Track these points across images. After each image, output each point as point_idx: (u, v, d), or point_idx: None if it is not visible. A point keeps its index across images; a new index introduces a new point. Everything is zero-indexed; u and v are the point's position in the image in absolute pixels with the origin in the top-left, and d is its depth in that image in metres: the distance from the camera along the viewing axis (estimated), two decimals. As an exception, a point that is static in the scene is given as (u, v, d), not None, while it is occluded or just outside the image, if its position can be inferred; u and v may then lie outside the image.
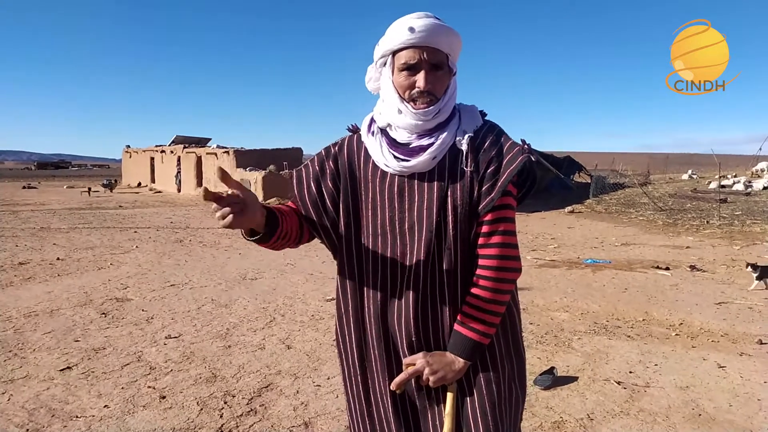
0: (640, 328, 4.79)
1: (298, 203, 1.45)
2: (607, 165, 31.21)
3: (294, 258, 8.13)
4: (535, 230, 11.57)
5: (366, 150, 1.43)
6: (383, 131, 1.40)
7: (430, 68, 1.30)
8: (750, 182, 20.99)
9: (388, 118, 1.37)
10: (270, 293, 6.00)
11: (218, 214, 1.16)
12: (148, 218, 14.15)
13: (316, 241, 1.52)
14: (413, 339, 1.35)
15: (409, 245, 1.35)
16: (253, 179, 20.34)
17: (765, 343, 4.35)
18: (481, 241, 1.33)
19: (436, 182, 1.34)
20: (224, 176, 1.20)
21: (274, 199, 19.05)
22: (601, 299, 5.83)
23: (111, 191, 25.42)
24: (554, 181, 20.63)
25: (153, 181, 29.16)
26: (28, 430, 2.90)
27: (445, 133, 1.35)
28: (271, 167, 20.88)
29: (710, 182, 22.13)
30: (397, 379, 1.34)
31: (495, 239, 1.32)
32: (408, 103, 1.32)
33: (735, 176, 23.87)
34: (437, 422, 1.37)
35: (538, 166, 1.41)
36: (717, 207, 14.31)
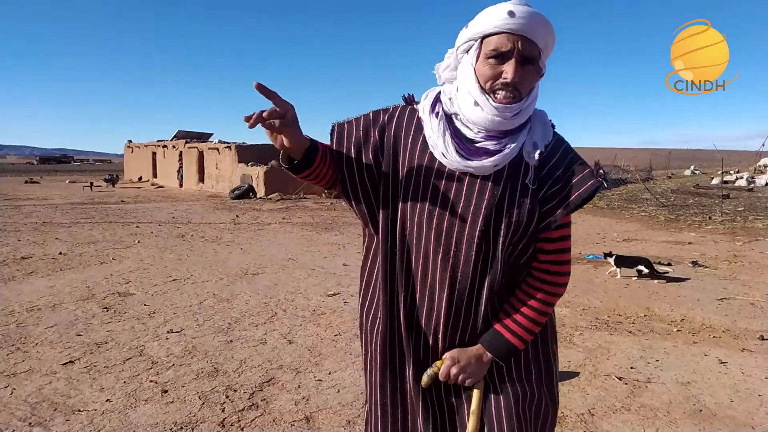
0: (642, 324, 4.79)
1: (335, 164, 1.34)
2: (609, 161, 31.14)
3: (295, 253, 8.13)
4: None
5: (416, 128, 1.31)
6: (448, 118, 1.28)
7: (522, 60, 1.18)
8: (753, 178, 20.93)
9: (458, 109, 1.25)
10: (272, 288, 6.01)
11: (266, 113, 1.11)
12: (150, 213, 14.16)
13: (317, 237, 1.50)
14: (439, 341, 1.32)
15: (445, 245, 1.26)
16: (255, 174, 20.35)
17: (766, 339, 4.35)
18: (543, 257, 1.31)
19: (489, 189, 1.24)
20: (263, 90, 1.13)
21: (276, 194, 19.07)
22: (603, 295, 5.83)
23: (113, 186, 25.45)
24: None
25: (155, 176, 29.18)
26: (30, 423, 2.91)
27: (515, 144, 1.24)
28: (273, 162, 20.86)
29: (713, 178, 22.08)
30: (426, 377, 1.32)
31: (556, 257, 1.31)
32: (489, 95, 1.20)
33: (738, 172, 23.79)
34: (465, 419, 1.35)
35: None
36: (719, 203, 14.28)
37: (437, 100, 1.30)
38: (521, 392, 1.33)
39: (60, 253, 7.90)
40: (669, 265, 7.39)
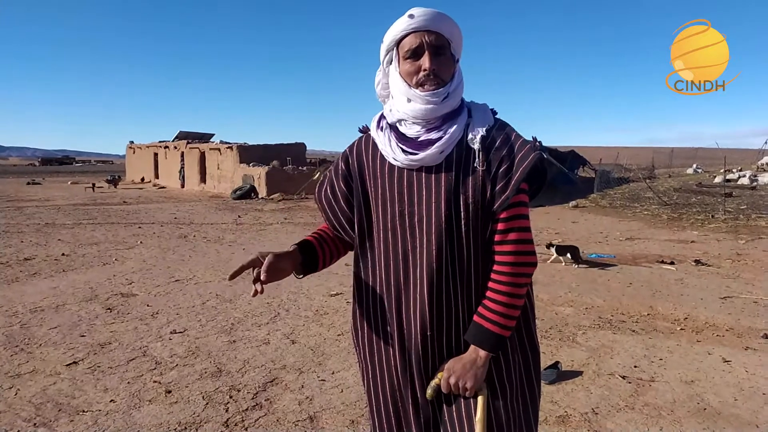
0: (645, 323, 4.78)
1: (319, 205, 1.58)
2: (612, 159, 31.12)
3: (298, 253, 8.13)
4: (539, 225, 11.55)
5: (374, 147, 1.46)
6: (393, 127, 1.43)
7: (434, 51, 1.33)
8: (755, 176, 20.87)
9: (398, 113, 1.39)
10: (274, 288, 6.01)
11: (256, 286, 1.38)
12: (152, 214, 14.18)
13: None
14: (428, 333, 1.37)
15: (419, 239, 1.37)
16: (257, 174, 20.36)
17: (770, 338, 4.34)
18: (497, 237, 1.35)
19: (444, 176, 1.35)
20: (233, 276, 1.42)
21: (278, 194, 19.08)
22: (606, 294, 5.82)
23: (115, 187, 25.49)
24: (558, 176, 20.57)
25: (156, 176, 29.22)
26: (35, 424, 2.92)
27: (454, 127, 1.36)
28: (275, 162, 20.88)
29: (715, 176, 22.04)
30: (430, 390, 1.36)
31: (511, 236, 1.34)
32: (416, 88, 1.35)
33: (740, 170, 23.73)
34: (462, 416, 1.37)
35: (546, 162, 1.41)
36: (722, 201, 14.26)
37: (381, 117, 1.47)
38: (508, 385, 1.38)
39: (63, 254, 7.92)
40: (672, 263, 7.38)
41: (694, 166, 30.91)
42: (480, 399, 1.33)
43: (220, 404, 3.16)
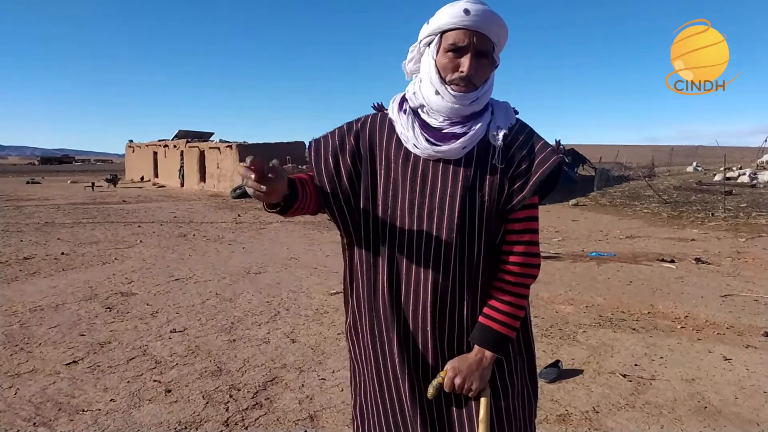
0: (645, 321, 4.78)
1: (314, 174, 1.43)
2: (612, 158, 31.12)
3: (298, 252, 8.13)
4: (540, 223, 11.52)
5: (389, 129, 1.40)
6: (415, 112, 1.37)
7: (476, 54, 1.29)
8: (755, 174, 20.86)
9: (422, 100, 1.34)
10: (274, 287, 6.01)
11: (252, 184, 1.18)
12: (151, 213, 14.17)
13: (319, 235, 1.54)
14: (428, 328, 1.34)
15: (427, 232, 1.32)
16: (257, 173, 20.35)
17: (771, 336, 4.33)
18: (511, 238, 1.34)
19: (462, 171, 1.32)
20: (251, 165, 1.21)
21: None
22: (606, 292, 5.82)
23: (114, 186, 25.46)
24: (558, 174, 20.56)
25: (156, 175, 29.19)
26: (35, 423, 2.91)
27: (479, 125, 1.33)
28: (274, 161, 20.67)
29: (715, 174, 22.04)
30: (432, 389, 1.35)
31: (524, 237, 1.34)
32: (448, 85, 1.30)
33: (740, 168, 23.72)
34: (462, 417, 1.36)
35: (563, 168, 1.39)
36: (722, 199, 14.26)
37: (404, 99, 1.41)
38: (510, 386, 1.38)
39: (62, 254, 7.91)
40: (672, 262, 7.38)
41: (694, 164, 30.89)
42: (483, 400, 1.32)
43: (220, 403, 3.16)
